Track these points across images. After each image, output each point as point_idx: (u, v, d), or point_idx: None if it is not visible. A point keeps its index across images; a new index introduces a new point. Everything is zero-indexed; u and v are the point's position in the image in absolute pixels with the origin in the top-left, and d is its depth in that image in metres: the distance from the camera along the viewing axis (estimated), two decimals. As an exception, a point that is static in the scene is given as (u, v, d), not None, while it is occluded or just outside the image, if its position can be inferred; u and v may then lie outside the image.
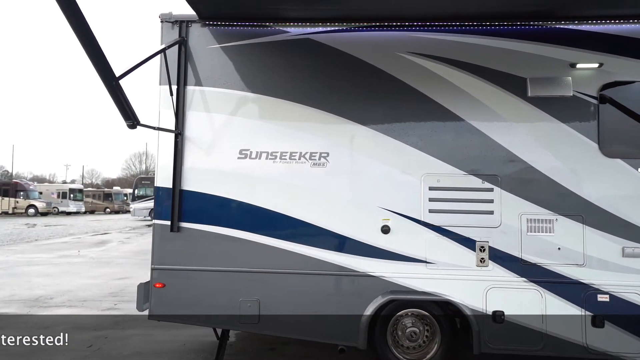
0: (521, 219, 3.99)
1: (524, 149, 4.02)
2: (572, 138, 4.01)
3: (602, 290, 3.90)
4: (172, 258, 4.20)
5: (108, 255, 12.63)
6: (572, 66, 4.03)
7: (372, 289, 4.05)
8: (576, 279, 3.93)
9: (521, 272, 3.97)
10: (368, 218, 4.09)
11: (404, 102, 4.14)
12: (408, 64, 4.15)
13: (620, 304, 3.88)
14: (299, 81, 4.25)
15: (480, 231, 4.01)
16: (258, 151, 4.20)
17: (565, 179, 3.99)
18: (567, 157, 4.00)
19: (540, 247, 3.97)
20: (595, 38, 4.05)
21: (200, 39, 4.31)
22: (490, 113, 4.07)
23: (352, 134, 4.14)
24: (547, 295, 3.93)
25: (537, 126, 4.04)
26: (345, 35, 4.22)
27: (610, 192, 3.96)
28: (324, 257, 4.10)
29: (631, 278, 3.89)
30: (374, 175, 4.12)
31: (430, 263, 4.03)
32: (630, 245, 3.90)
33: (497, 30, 4.11)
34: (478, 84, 4.08)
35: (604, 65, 4.00)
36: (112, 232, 20.61)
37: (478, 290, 3.98)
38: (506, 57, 4.08)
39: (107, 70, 3.12)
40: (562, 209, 3.98)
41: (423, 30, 4.17)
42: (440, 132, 4.11)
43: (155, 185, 4.29)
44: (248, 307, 4.10)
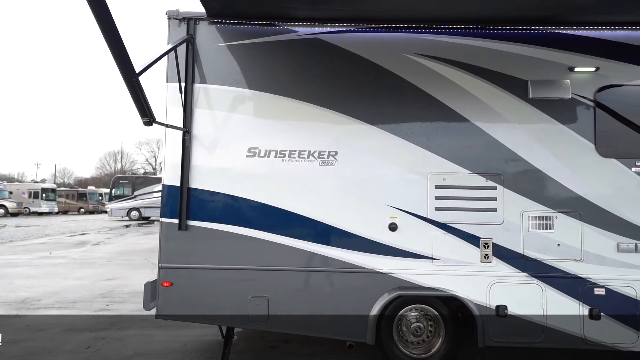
0: (523, 216, 4.14)
1: (526, 149, 4.17)
2: (571, 138, 4.18)
3: (599, 284, 4.08)
4: (180, 256, 4.17)
5: (91, 256, 12.33)
6: (570, 70, 4.21)
7: (381, 285, 4.13)
8: (574, 273, 4.10)
9: (523, 268, 4.11)
10: (376, 216, 4.16)
11: (411, 102, 4.24)
12: (415, 65, 4.25)
13: (616, 297, 4.07)
14: (307, 81, 4.29)
15: (484, 228, 4.14)
16: (267, 149, 4.21)
17: (563, 178, 4.16)
18: (565, 156, 4.17)
19: (541, 243, 4.13)
20: (592, 43, 4.23)
21: (208, 36, 4.30)
22: (493, 114, 4.20)
23: (360, 133, 4.21)
24: (547, 290, 4.09)
25: (537, 127, 4.19)
26: (354, 35, 4.29)
27: (606, 191, 4.15)
28: (332, 255, 4.15)
29: (625, 272, 4.08)
30: (381, 174, 4.19)
31: (436, 259, 4.13)
32: (624, 241, 4.09)
33: (500, 33, 4.24)
34: (482, 85, 4.21)
35: (600, 69, 4.19)
36: (90, 233, 20.09)
37: (482, 285, 4.11)
38: (509, 60, 4.22)
39: (129, 67, 3.09)
40: (561, 207, 4.14)
41: (429, 33, 4.27)
42: (446, 132, 4.22)
43: (162, 183, 4.25)
44: (257, 305, 4.12)
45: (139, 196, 28.63)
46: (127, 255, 12.56)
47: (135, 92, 3.22)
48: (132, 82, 3.15)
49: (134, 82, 3.16)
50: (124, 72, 3.08)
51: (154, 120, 3.47)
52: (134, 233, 19.94)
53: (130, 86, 3.17)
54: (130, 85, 3.16)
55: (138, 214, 28.51)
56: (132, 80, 3.14)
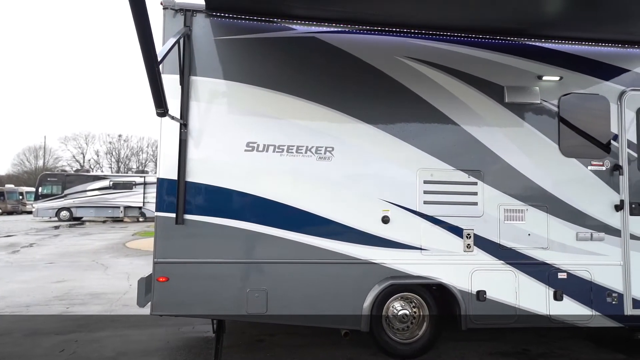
0: (499, 209, 4.57)
1: (502, 148, 4.61)
2: (539, 139, 4.68)
3: (562, 269, 4.61)
4: (176, 251, 4.11)
5: (28, 259, 11.42)
6: (539, 78, 4.71)
7: (374, 275, 4.35)
8: (542, 260, 4.59)
9: (500, 256, 4.53)
10: (370, 209, 4.38)
11: (402, 102, 4.51)
12: (405, 67, 4.52)
13: (575, 280, 4.62)
14: (305, 78, 4.40)
15: (466, 220, 4.51)
16: (266, 144, 4.27)
17: (533, 175, 4.64)
18: (535, 156, 4.65)
19: (514, 234, 4.58)
20: (557, 55, 4.76)
21: (205, 29, 4.27)
22: (474, 115, 4.59)
23: (356, 130, 4.40)
24: (519, 275, 4.54)
25: (512, 128, 4.64)
26: (350, 36, 4.47)
27: (568, 186, 4.69)
28: (328, 247, 4.30)
29: (583, 258, 4.64)
30: (375, 169, 4.42)
31: (424, 250, 4.43)
32: (582, 231, 4.65)
33: (482, 42, 4.65)
34: (465, 89, 4.58)
35: (563, 78, 4.73)
36: (17, 235, 18.48)
37: (465, 273, 4.47)
38: (488, 66, 4.64)
39: (153, 54, 3.02)
40: (531, 200, 4.62)
41: (419, 38, 4.57)
42: (433, 130, 4.54)
43: (157, 176, 4.15)
44: (256, 298, 4.16)
45: (70, 195, 26.74)
46: (70, 257, 11.77)
47: (156, 81, 3.16)
48: (154, 71, 3.09)
49: (157, 71, 3.11)
50: (148, 60, 3.02)
51: (167, 112, 3.41)
52: (68, 234, 18.63)
53: (151, 74, 3.11)
54: (152, 73, 3.10)
55: (69, 214, 26.65)
56: (154, 68, 3.08)
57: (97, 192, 26.82)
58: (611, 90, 4.80)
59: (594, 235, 4.66)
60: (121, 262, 10.97)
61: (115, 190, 26.94)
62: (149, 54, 2.97)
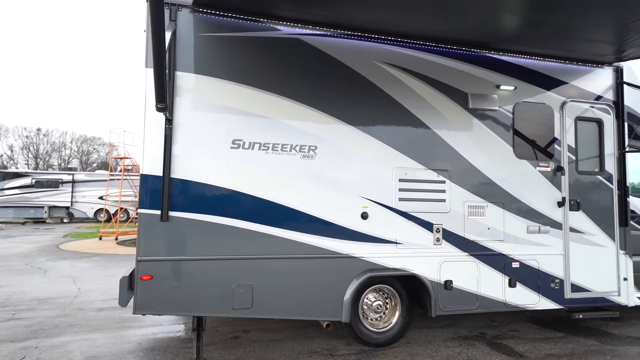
0: (464, 205, 4.99)
1: (467, 150, 5.04)
2: (497, 142, 5.18)
3: (515, 259, 5.14)
4: (161, 249, 4.03)
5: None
6: (497, 87, 5.21)
7: (354, 268, 4.57)
8: (499, 251, 5.09)
9: (464, 248, 4.96)
10: (350, 205, 4.60)
11: (379, 105, 4.77)
12: (382, 72, 4.80)
13: (526, 269, 5.18)
14: (289, 78, 4.51)
15: (436, 216, 4.89)
16: (252, 142, 4.32)
17: (492, 174, 5.13)
18: (494, 157, 5.15)
19: (476, 228, 5.03)
20: (512, 67, 5.30)
21: (189, 25, 4.23)
22: (443, 119, 4.98)
23: (337, 130, 4.59)
24: (480, 265, 5.00)
25: (475, 132, 5.10)
26: (333, 40, 4.65)
27: (520, 185, 5.24)
28: (312, 242, 4.45)
29: (532, 249, 5.22)
30: (355, 168, 4.64)
31: (399, 244, 4.73)
32: (532, 224, 5.23)
33: (451, 52, 5.05)
34: (435, 94, 4.96)
35: (517, 88, 5.28)
36: None
37: (435, 264, 4.84)
38: (456, 74, 5.05)
39: (162, 48, 2.97)
40: (490, 198, 5.11)
41: (394, 45, 4.86)
42: (407, 132, 4.86)
43: (140, 172, 4.04)
44: (242, 293, 4.21)
45: (-17, 194, 24.22)
46: (8, 260, 10.79)
47: (162, 75, 3.11)
48: (162, 66, 3.04)
49: (163, 66, 3.06)
50: (157, 53, 2.96)
51: (166, 108, 3.35)
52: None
53: (159, 68, 3.06)
54: (159, 67, 3.05)
55: (-20, 216, 24.12)
56: (162, 63, 3.03)
57: (17, 191, 24.52)
58: (555, 100, 5.44)
59: (541, 229, 5.25)
60: (60, 265, 10.25)
61: (39, 189, 24.79)
62: (160, 49, 2.94)
